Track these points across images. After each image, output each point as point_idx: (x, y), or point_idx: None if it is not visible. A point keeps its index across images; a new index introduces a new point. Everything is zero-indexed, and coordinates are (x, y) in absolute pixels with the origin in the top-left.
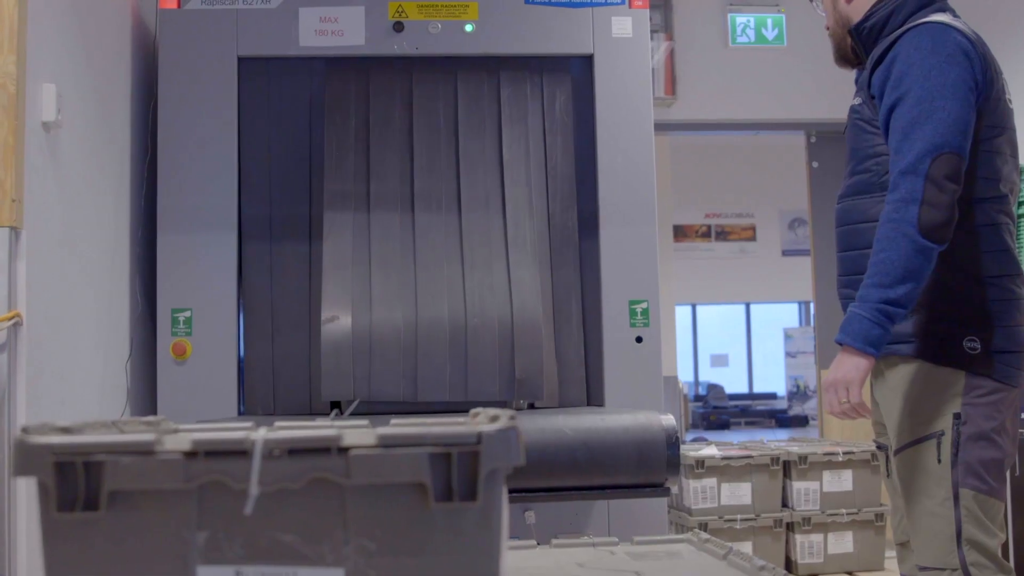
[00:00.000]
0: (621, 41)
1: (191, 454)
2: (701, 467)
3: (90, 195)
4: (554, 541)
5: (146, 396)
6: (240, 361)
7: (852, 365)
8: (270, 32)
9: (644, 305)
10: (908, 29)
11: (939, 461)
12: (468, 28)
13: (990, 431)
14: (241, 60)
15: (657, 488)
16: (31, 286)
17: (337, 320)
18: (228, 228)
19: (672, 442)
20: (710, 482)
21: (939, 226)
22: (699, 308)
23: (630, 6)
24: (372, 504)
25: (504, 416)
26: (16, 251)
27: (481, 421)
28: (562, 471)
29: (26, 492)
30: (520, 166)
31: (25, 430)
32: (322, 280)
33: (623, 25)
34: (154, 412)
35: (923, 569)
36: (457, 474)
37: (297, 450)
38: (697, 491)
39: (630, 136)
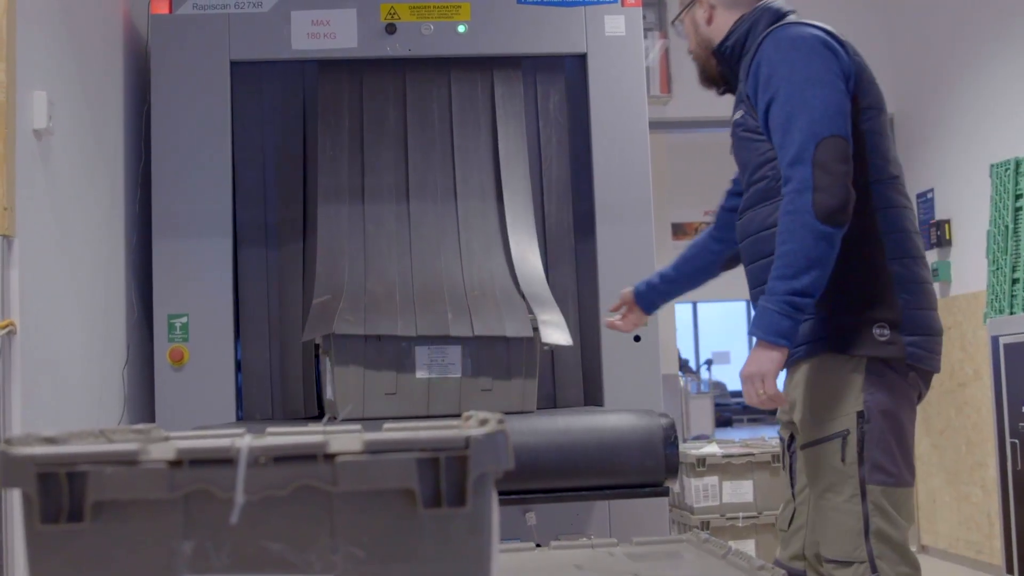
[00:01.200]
0: (614, 39)
1: (176, 463)
2: (702, 465)
3: (83, 202)
4: (553, 543)
5: (144, 403)
6: (237, 366)
7: (766, 358)
8: (262, 36)
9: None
10: (766, 35)
11: (843, 461)
12: (461, 29)
13: (893, 423)
14: (234, 64)
15: (656, 488)
16: (24, 294)
17: (329, 299)
18: (223, 233)
19: (670, 442)
20: (711, 480)
21: (836, 210)
22: (700, 306)
23: (623, 4)
24: (360, 511)
25: (493, 420)
26: (8, 259)
27: (470, 425)
28: (561, 472)
29: (19, 503)
30: (515, 163)
31: (8, 441)
32: (316, 268)
33: (616, 23)
34: (152, 419)
35: (830, 562)
36: (445, 479)
37: (283, 457)
38: (699, 489)
39: (625, 134)
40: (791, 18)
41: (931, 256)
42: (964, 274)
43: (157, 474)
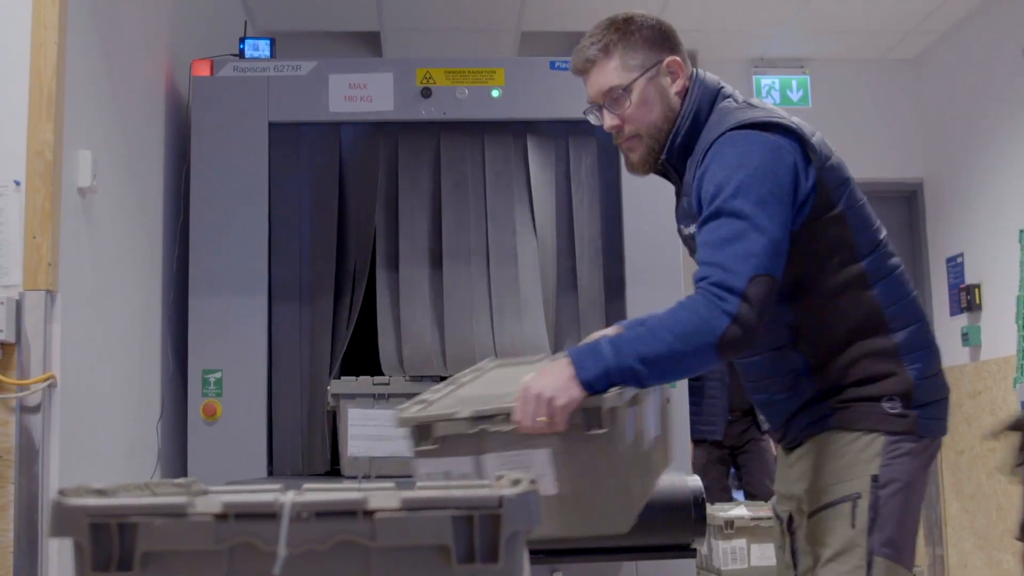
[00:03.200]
0: None
1: (222, 516)
2: (730, 528)
3: (123, 258)
4: None
5: (176, 456)
6: (269, 422)
7: (570, 395)
8: (300, 98)
9: None
10: (718, 137)
11: (853, 526)
12: (495, 93)
13: (907, 494)
14: (272, 125)
15: (684, 549)
16: (65, 348)
17: None
18: (259, 291)
19: (698, 503)
20: (739, 543)
21: (735, 346)
22: None
23: None
24: (397, 566)
25: (524, 480)
26: (51, 314)
27: (503, 484)
28: None
29: (58, 551)
30: (547, 232)
31: (62, 492)
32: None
33: None
34: (184, 472)
35: None
36: (479, 537)
37: (324, 513)
38: (727, 552)
39: (656, 198)
40: (734, 107)
41: (961, 320)
42: (994, 338)
43: (204, 527)
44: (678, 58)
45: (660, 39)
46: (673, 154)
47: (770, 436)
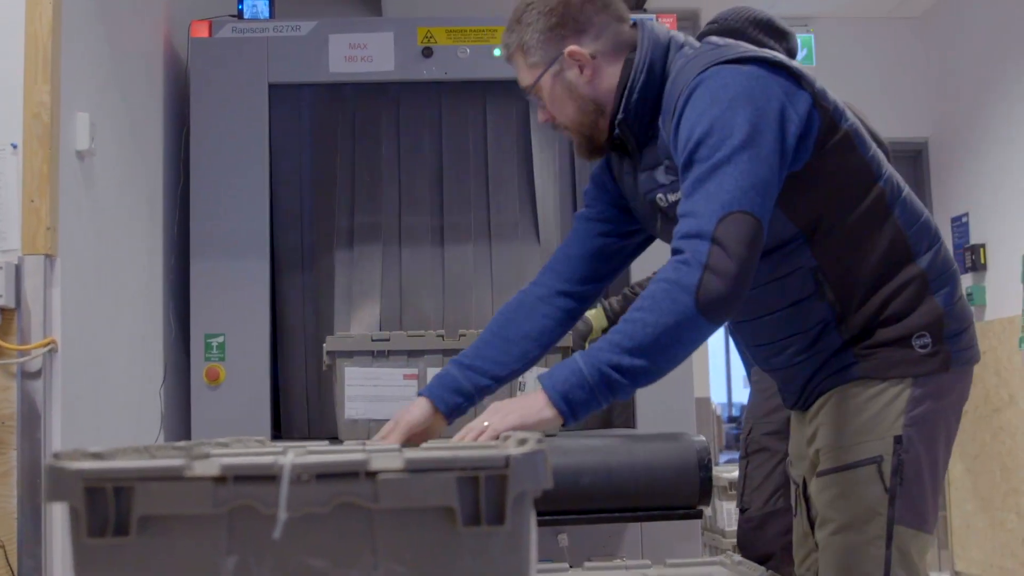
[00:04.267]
0: None
1: (220, 479)
2: (734, 489)
3: (124, 222)
4: (587, 564)
5: (180, 421)
6: (274, 386)
7: (539, 416)
8: (300, 59)
9: None
10: (696, 83)
11: (874, 493)
12: (497, 52)
13: (935, 457)
14: (272, 87)
15: (689, 511)
16: (66, 313)
17: None
18: (260, 254)
19: (704, 464)
20: None
21: (722, 301)
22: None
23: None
24: (401, 528)
25: (532, 439)
26: (51, 278)
27: (509, 445)
28: (594, 494)
29: (61, 516)
30: (549, 192)
31: (57, 456)
32: (351, 304)
33: None
34: (188, 437)
35: None
36: (485, 498)
37: (325, 475)
38: (731, 513)
39: None
40: (694, 54)
41: (966, 280)
42: (999, 299)
43: (202, 490)
44: (576, 47)
45: (558, 28)
46: (630, 125)
47: (784, 404)
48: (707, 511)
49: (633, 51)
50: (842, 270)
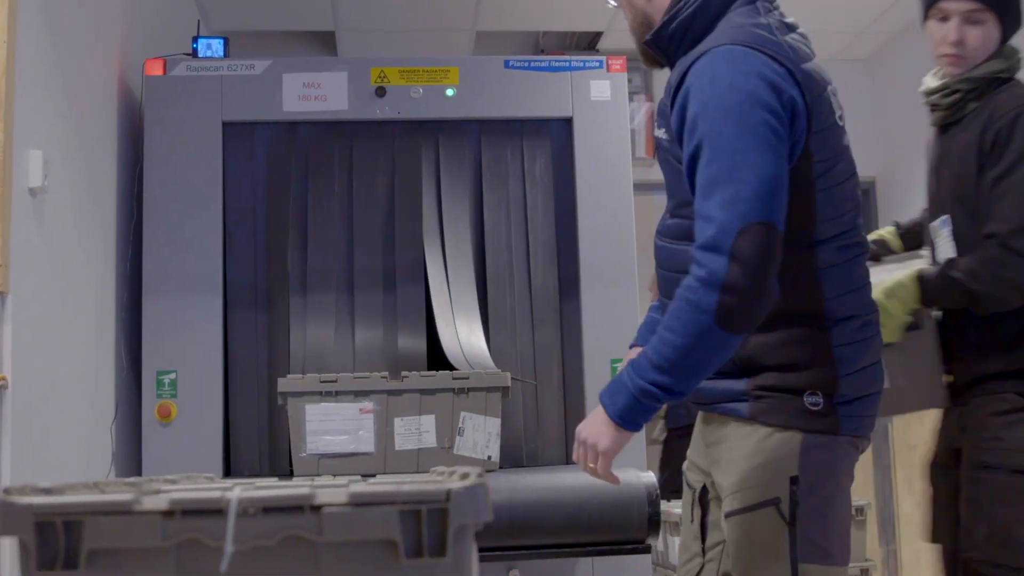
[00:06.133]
0: (600, 104)
1: (168, 513)
2: None
3: (76, 259)
4: None
5: (131, 458)
6: (226, 423)
7: (608, 435)
8: (254, 97)
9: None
10: (705, 52)
11: (775, 533)
12: (449, 92)
13: (833, 492)
14: (226, 125)
15: (638, 545)
16: (17, 349)
17: None
18: (213, 292)
19: (652, 499)
20: None
21: (743, 318)
22: None
23: (608, 70)
24: (345, 561)
25: (473, 473)
26: (2, 315)
27: (452, 479)
28: (544, 529)
29: (10, 550)
30: (501, 231)
31: (7, 491)
32: (304, 351)
33: (601, 89)
34: (139, 474)
35: None
36: (427, 531)
37: (271, 508)
38: None
39: (610, 197)
40: (741, 19)
41: None
42: None
43: (150, 523)
44: None
45: None
46: (663, 49)
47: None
48: (659, 546)
49: None
50: None
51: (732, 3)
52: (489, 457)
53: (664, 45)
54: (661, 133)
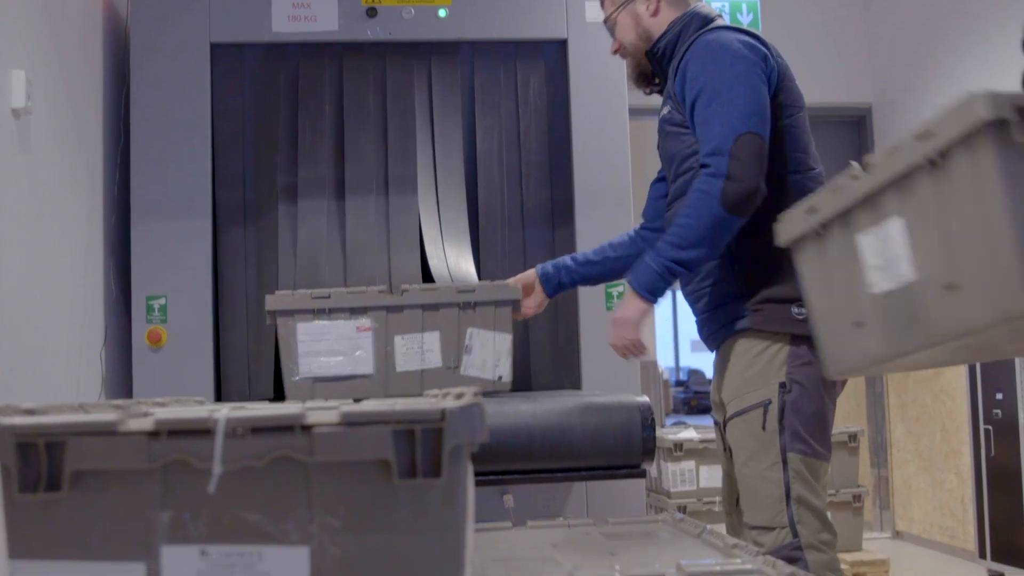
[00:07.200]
0: (595, 26)
1: (154, 434)
2: (679, 450)
3: (62, 181)
4: (530, 523)
5: (122, 384)
6: (216, 348)
7: (636, 308)
8: (243, 18)
9: (620, 288)
10: (696, 38)
11: (764, 428)
12: (441, 13)
13: (813, 396)
14: (214, 46)
15: (633, 470)
16: (2, 275)
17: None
18: (203, 215)
19: (647, 424)
20: (688, 465)
21: (742, 199)
22: (678, 293)
23: None
24: (336, 482)
25: (468, 393)
26: None
27: (446, 399)
28: (538, 454)
29: None
30: (493, 155)
31: None
32: (297, 261)
33: (597, 10)
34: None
35: (754, 528)
36: (421, 451)
37: (260, 428)
38: (676, 474)
39: (605, 121)
40: (718, 22)
41: None
42: None
43: (135, 444)
44: None
45: None
46: (657, 56)
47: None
48: (652, 472)
49: (687, 8)
50: (744, 233)
51: (712, 20)
52: (500, 377)
53: (658, 58)
54: (665, 111)
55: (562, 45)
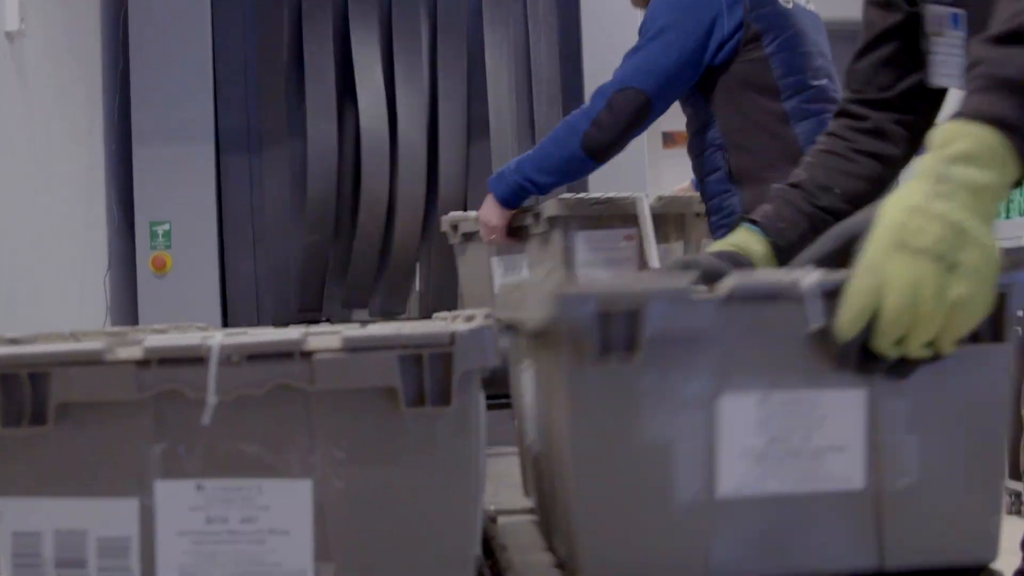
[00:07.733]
0: None
1: (144, 363)
2: None
3: (60, 106)
4: None
5: (127, 310)
6: (222, 274)
7: (497, 213)
8: None
9: None
10: None
11: None
12: None
13: None
14: None
15: None
16: (1, 202)
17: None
18: (205, 139)
19: None
20: None
21: (600, 148)
22: None
23: None
24: (339, 411)
25: (479, 316)
26: None
27: (456, 322)
28: None
29: None
30: (502, 71)
31: None
32: (307, 182)
33: None
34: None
35: None
36: (429, 377)
37: (257, 355)
38: None
39: (618, 38)
40: None
41: None
42: None
43: (124, 374)
44: None
45: None
46: None
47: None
48: None
49: None
50: (738, 148)
51: None
52: None
53: None
54: None
55: None
